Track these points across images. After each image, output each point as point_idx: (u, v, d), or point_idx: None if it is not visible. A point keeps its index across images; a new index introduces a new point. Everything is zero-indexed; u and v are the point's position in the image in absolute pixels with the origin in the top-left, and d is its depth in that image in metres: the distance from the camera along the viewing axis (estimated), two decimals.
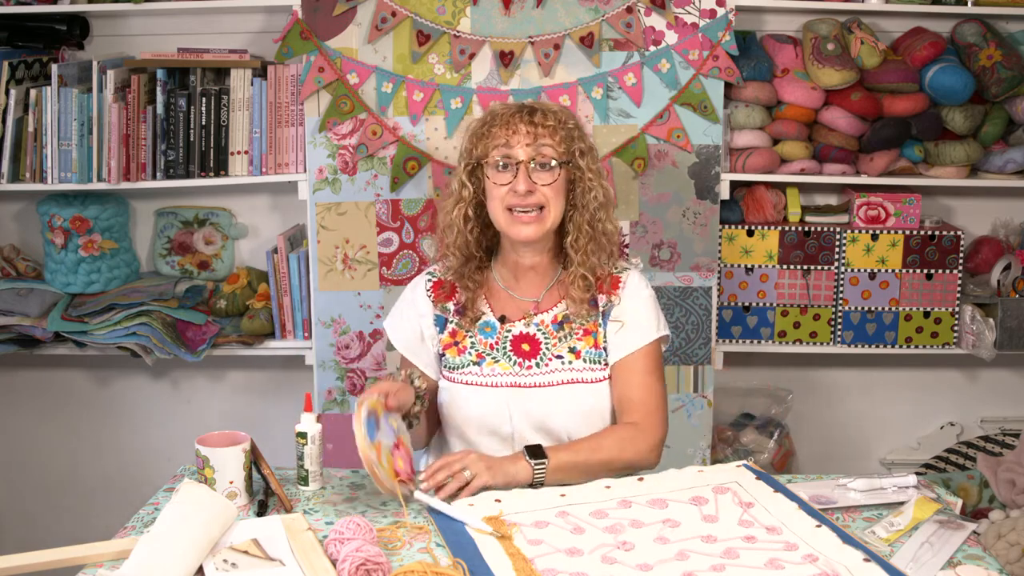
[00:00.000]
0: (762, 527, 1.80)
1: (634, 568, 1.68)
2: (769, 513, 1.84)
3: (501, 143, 2.09)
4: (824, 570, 1.64)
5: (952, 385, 3.42)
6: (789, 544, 1.74)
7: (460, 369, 2.16)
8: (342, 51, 2.90)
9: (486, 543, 1.76)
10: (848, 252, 3.09)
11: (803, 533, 1.76)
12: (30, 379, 3.37)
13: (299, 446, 2.01)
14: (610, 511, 1.87)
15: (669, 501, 1.90)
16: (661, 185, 2.97)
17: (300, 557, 1.71)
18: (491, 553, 1.73)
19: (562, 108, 2.17)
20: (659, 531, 1.80)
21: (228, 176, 3.03)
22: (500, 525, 1.81)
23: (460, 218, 2.15)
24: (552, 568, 1.68)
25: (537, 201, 2.09)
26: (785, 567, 1.67)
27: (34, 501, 3.43)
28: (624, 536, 1.79)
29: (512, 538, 1.77)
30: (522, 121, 2.09)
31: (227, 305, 3.14)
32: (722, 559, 1.70)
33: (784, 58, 3.05)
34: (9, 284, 3.09)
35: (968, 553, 1.76)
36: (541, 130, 2.09)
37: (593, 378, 2.14)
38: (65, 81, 2.93)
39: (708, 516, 1.85)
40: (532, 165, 2.08)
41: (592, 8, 2.90)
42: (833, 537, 1.73)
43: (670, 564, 1.69)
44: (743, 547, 1.74)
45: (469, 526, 1.81)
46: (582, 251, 2.13)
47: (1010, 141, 3.10)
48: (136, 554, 1.67)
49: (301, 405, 2.05)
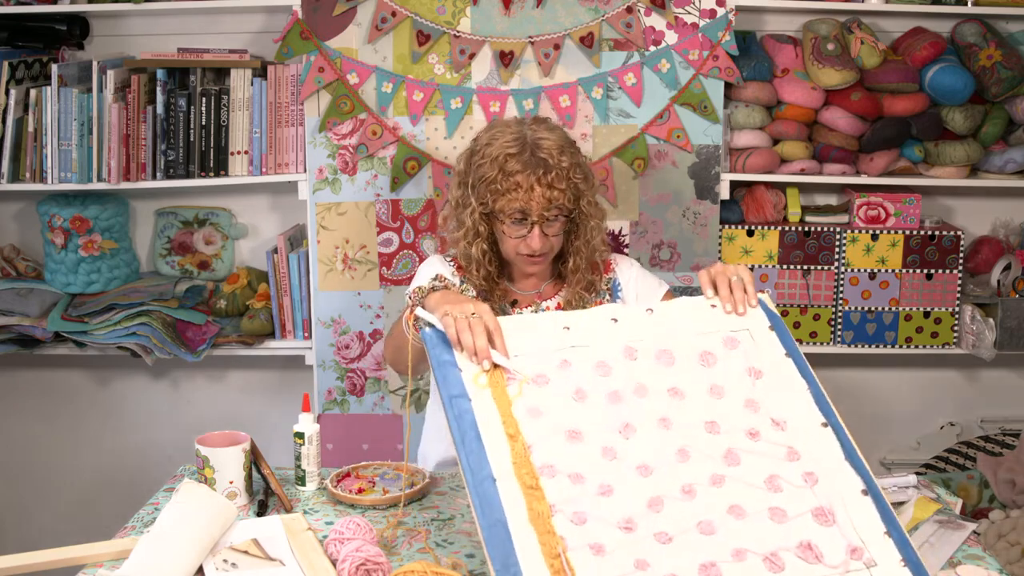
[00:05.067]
0: (767, 417, 1.73)
1: (633, 471, 1.64)
2: (777, 394, 1.76)
3: (518, 206, 2.18)
4: (820, 503, 1.63)
5: (952, 385, 3.42)
6: (791, 451, 1.69)
7: None
8: (342, 51, 2.90)
9: (483, 409, 1.67)
10: (848, 252, 3.09)
11: (808, 434, 1.71)
12: (30, 379, 3.37)
13: (297, 446, 2.01)
14: (614, 365, 1.77)
15: (676, 355, 1.80)
16: (661, 185, 2.97)
17: (300, 557, 1.71)
18: (488, 429, 1.64)
19: (563, 148, 2.21)
20: (663, 409, 1.72)
21: (228, 176, 3.03)
22: (499, 381, 1.71)
23: (479, 253, 2.25)
24: (550, 464, 1.62)
25: (545, 251, 2.22)
26: (784, 489, 1.64)
27: (34, 501, 3.43)
28: (627, 412, 1.71)
29: (512, 403, 1.69)
30: (539, 185, 2.16)
31: (227, 305, 3.14)
32: (723, 465, 1.66)
33: (784, 58, 3.05)
34: (9, 284, 3.09)
35: (968, 553, 1.77)
36: (555, 192, 2.17)
37: None
38: (65, 81, 2.93)
39: (714, 387, 1.77)
40: (543, 220, 2.19)
41: (592, 8, 2.90)
42: (836, 447, 1.70)
43: (670, 470, 1.65)
44: (745, 449, 1.69)
45: (466, 380, 1.71)
46: (579, 273, 2.28)
47: (1010, 141, 3.10)
48: (136, 554, 1.68)
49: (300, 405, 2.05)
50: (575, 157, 2.23)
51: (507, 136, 2.21)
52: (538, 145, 2.19)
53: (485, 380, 1.71)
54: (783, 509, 1.63)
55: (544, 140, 2.20)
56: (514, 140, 2.20)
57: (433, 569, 1.64)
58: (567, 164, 2.19)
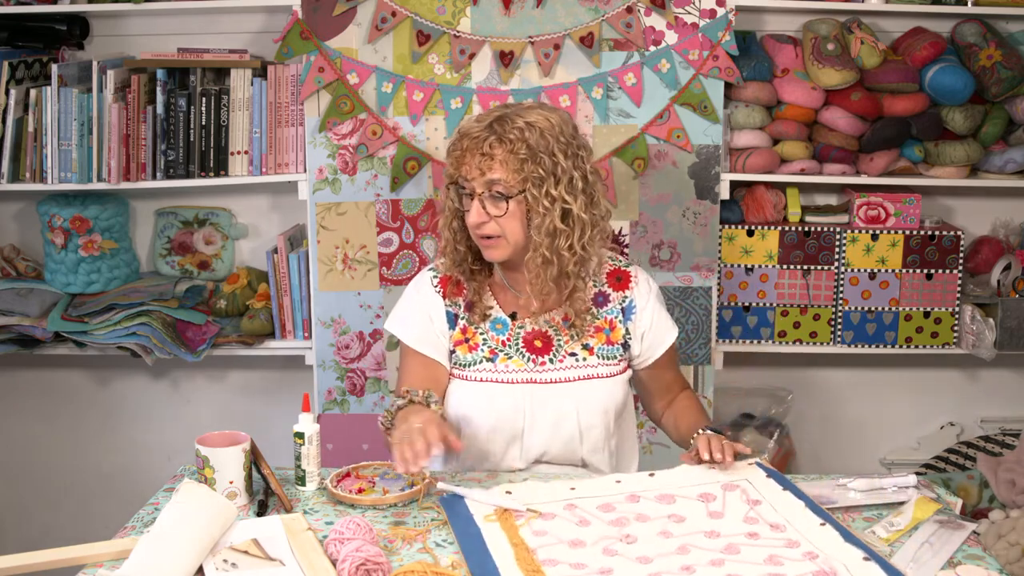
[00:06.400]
0: (766, 524, 1.80)
1: (633, 560, 1.69)
2: (775, 510, 1.84)
3: (460, 172, 2.06)
4: (822, 568, 1.65)
5: (952, 385, 3.42)
6: (791, 541, 1.74)
7: (473, 366, 2.16)
8: (342, 51, 2.90)
9: (491, 533, 1.78)
10: (848, 252, 3.09)
11: (806, 531, 1.76)
12: (30, 379, 3.37)
13: (297, 446, 2.01)
14: (617, 504, 1.89)
15: (677, 497, 1.91)
16: (661, 185, 2.97)
17: (300, 557, 1.71)
18: (495, 542, 1.74)
19: (533, 126, 2.03)
20: (663, 525, 1.81)
21: (228, 176, 3.03)
22: (507, 517, 1.83)
23: (448, 231, 2.15)
24: (553, 558, 1.70)
25: (490, 231, 2.06)
26: (784, 563, 1.67)
27: (34, 501, 3.43)
28: (628, 529, 1.79)
29: (518, 528, 1.79)
30: (476, 150, 2.03)
31: (227, 305, 3.14)
32: (722, 554, 1.71)
33: (784, 58, 3.05)
34: (9, 284, 3.09)
35: (968, 553, 1.76)
36: (490, 162, 2.02)
37: (608, 372, 2.17)
38: (65, 81, 2.93)
39: (714, 512, 1.85)
40: (486, 195, 2.05)
41: (592, 8, 2.90)
42: (835, 535, 1.73)
43: (670, 557, 1.70)
44: (745, 543, 1.74)
45: (476, 516, 1.83)
46: (534, 272, 2.10)
47: (1010, 141, 3.10)
48: (136, 554, 1.68)
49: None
50: (547, 142, 2.02)
51: (487, 112, 2.10)
52: (509, 118, 2.04)
53: (494, 517, 1.83)
54: (784, 575, 1.65)
55: (523, 116, 2.04)
56: (492, 112, 2.08)
57: (433, 569, 1.65)
58: (515, 137, 2.01)
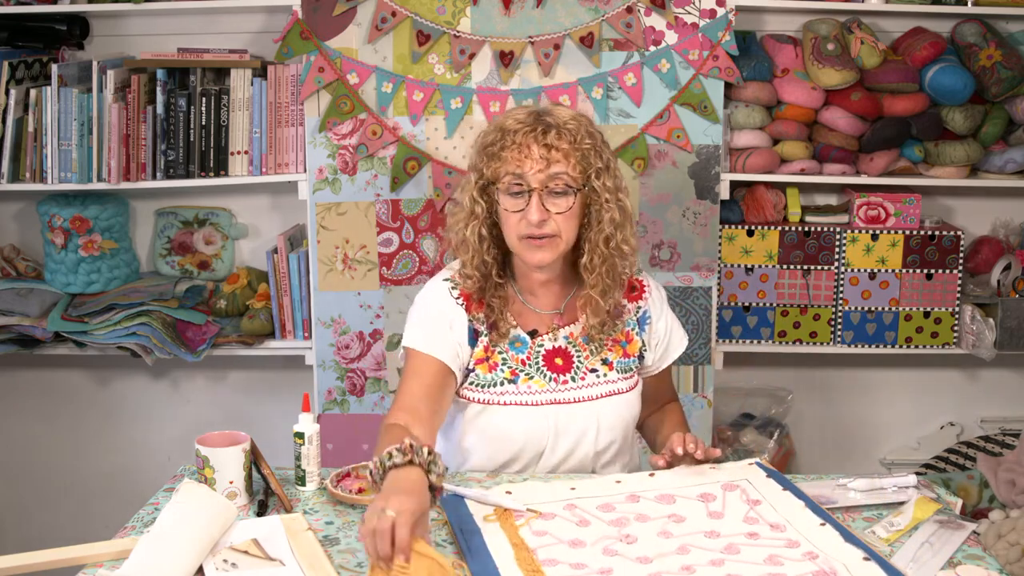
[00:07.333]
0: (766, 524, 1.80)
1: (633, 560, 1.69)
2: (775, 511, 1.84)
3: (513, 168, 1.98)
4: (822, 568, 1.65)
5: (952, 385, 3.42)
6: (791, 541, 1.74)
7: (494, 388, 2.09)
8: (342, 51, 2.90)
9: (491, 533, 1.78)
10: (848, 252, 3.09)
11: (806, 531, 1.76)
12: (30, 379, 3.37)
13: (297, 446, 2.01)
14: (617, 504, 1.89)
15: (677, 496, 1.91)
16: (661, 185, 2.97)
17: (300, 557, 1.71)
18: (495, 542, 1.74)
19: (578, 119, 2.02)
20: (663, 525, 1.81)
21: (228, 176, 3.03)
22: (507, 517, 1.83)
23: (475, 238, 2.05)
24: (553, 558, 1.70)
25: (551, 230, 1.99)
26: (784, 563, 1.67)
27: (34, 501, 3.43)
28: (628, 529, 1.80)
29: (518, 529, 1.79)
30: (536, 143, 1.97)
31: (227, 305, 3.14)
32: (722, 554, 1.71)
33: (784, 58, 3.05)
34: (9, 284, 3.09)
35: (968, 553, 1.76)
36: (555, 153, 1.97)
37: (627, 387, 2.15)
38: (65, 81, 2.93)
39: (714, 512, 1.85)
40: (545, 192, 1.98)
41: (592, 8, 2.90)
42: (835, 535, 1.73)
43: (669, 557, 1.70)
44: (745, 543, 1.74)
45: (476, 516, 1.83)
46: (596, 272, 2.04)
47: (1010, 141, 3.10)
48: (136, 554, 1.67)
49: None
50: (590, 130, 2.01)
51: (520, 109, 2.07)
52: (547, 111, 2.02)
53: (494, 517, 1.84)
54: (784, 575, 1.65)
55: (556, 109, 2.03)
56: (524, 108, 2.06)
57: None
58: (574, 128, 1.98)
